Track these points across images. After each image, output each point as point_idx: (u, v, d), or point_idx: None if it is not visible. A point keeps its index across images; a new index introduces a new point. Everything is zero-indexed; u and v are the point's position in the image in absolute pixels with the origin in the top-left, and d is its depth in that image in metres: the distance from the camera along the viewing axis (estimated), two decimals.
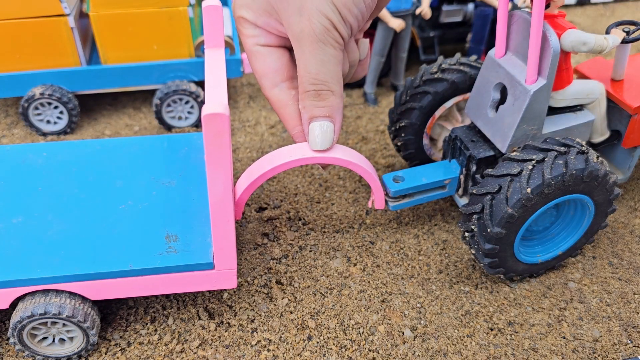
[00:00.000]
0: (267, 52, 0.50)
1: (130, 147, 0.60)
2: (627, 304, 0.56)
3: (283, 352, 0.51)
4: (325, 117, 0.48)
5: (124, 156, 0.59)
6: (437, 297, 0.56)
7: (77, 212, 0.53)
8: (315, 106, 0.48)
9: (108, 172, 0.57)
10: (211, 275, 0.50)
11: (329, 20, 0.45)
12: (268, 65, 0.50)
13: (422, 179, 0.59)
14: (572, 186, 0.51)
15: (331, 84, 0.47)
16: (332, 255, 0.60)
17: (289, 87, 0.50)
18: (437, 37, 0.90)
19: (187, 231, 0.52)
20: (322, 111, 0.48)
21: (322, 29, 0.45)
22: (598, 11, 1.14)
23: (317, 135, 0.49)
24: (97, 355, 0.50)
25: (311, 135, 0.49)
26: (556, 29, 0.51)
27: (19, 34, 0.71)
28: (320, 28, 0.45)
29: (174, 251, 0.50)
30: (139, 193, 0.55)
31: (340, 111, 0.49)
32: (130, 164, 0.58)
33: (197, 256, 0.49)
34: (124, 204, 0.54)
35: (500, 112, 0.55)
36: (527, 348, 0.52)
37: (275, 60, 0.50)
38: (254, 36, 0.49)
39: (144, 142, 0.61)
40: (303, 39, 0.45)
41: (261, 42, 0.49)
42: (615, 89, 0.60)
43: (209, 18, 0.52)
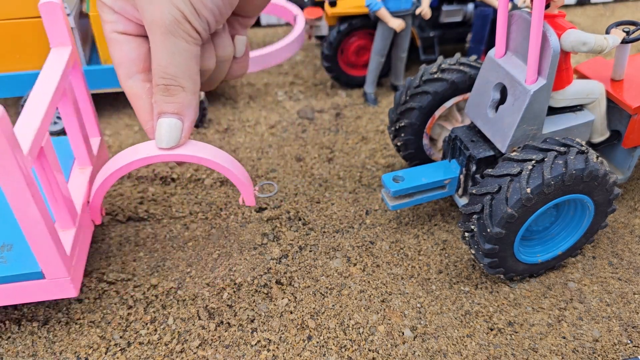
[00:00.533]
0: (124, 40, 0.47)
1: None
2: (627, 304, 0.56)
3: (283, 352, 0.51)
4: (174, 113, 0.46)
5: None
6: (437, 297, 0.56)
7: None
8: (164, 101, 0.46)
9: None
10: (44, 285, 0.49)
11: (180, 12, 0.43)
12: (124, 54, 0.47)
13: (422, 179, 0.59)
14: (571, 186, 0.51)
15: (181, 79, 0.45)
16: (332, 255, 0.60)
17: (143, 80, 0.48)
18: (437, 37, 0.90)
19: (23, 240, 0.50)
20: (171, 107, 0.46)
21: (172, 20, 0.43)
22: (598, 11, 1.14)
23: (163, 133, 0.47)
24: (97, 355, 0.51)
25: (157, 132, 0.47)
26: (556, 29, 0.51)
27: (19, 34, 0.71)
28: (170, 19, 0.43)
29: (4, 261, 0.49)
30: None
31: (191, 108, 0.46)
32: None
33: (26, 266, 0.48)
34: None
35: (500, 112, 0.55)
36: (527, 348, 0.52)
37: (132, 49, 0.47)
38: (112, 22, 0.46)
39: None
40: (154, 29, 0.43)
41: (119, 29, 0.47)
42: (615, 89, 0.60)
43: (47, 16, 0.51)
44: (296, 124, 0.80)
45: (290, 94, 0.87)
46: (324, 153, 0.74)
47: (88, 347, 0.51)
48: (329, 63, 0.85)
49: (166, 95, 0.45)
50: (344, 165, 0.72)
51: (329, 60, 0.85)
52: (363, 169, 0.72)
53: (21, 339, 0.52)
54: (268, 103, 0.85)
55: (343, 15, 0.83)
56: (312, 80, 0.91)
